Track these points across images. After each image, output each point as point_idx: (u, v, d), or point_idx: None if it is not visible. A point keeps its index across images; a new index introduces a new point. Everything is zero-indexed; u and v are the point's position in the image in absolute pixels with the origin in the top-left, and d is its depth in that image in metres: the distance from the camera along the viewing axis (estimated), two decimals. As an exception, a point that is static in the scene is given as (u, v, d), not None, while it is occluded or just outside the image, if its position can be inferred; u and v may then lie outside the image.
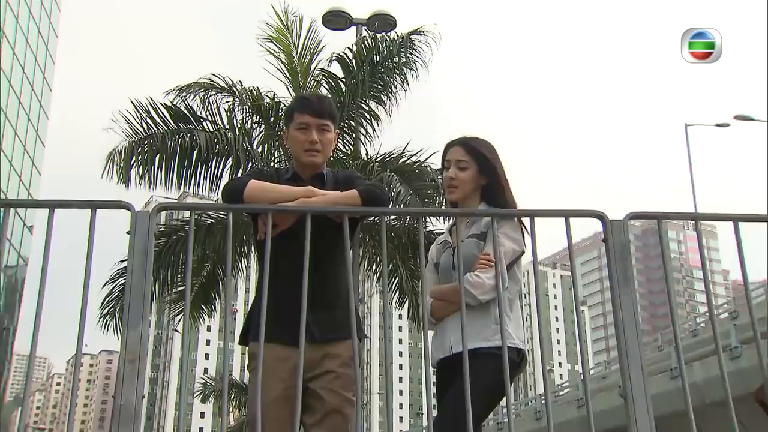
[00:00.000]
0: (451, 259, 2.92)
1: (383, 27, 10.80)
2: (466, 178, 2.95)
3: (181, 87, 9.73)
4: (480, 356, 2.59)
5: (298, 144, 2.84)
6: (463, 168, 2.95)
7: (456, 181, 2.95)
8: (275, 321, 2.47)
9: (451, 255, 2.93)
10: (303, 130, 2.83)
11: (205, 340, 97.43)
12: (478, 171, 2.94)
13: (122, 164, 9.16)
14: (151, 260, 2.23)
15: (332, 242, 2.65)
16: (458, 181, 2.95)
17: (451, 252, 2.94)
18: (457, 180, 2.95)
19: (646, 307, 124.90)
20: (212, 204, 7.89)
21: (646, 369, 2.28)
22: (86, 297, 2.20)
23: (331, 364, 2.65)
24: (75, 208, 2.28)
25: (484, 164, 2.95)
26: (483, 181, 2.95)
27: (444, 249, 3.00)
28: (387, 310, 2.57)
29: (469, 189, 2.96)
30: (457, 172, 2.95)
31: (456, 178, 2.95)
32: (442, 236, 3.14)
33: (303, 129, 2.83)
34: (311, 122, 2.83)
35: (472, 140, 3.00)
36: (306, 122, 2.83)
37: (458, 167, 2.95)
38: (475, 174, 2.95)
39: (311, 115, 2.84)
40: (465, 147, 2.97)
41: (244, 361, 69.34)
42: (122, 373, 2.11)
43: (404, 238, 9.77)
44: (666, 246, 2.67)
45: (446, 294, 2.84)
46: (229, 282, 4.47)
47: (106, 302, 9.99)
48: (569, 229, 2.39)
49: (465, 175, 2.95)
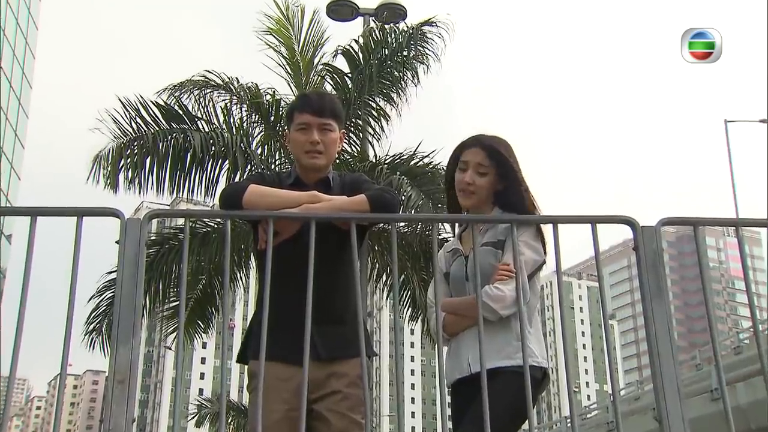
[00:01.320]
0: (463, 269, 2.91)
1: (392, 17, 10.83)
2: (485, 185, 2.95)
3: (174, 85, 9.78)
4: (500, 376, 2.58)
5: (298, 145, 2.85)
6: (483, 173, 2.94)
7: (473, 186, 2.95)
8: (277, 337, 2.47)
9: (463, 264, 2.92)
10: (303, 130, 2.84)
11: (201, 358, 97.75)
12: (497, 177, 2.94)
13: (110, 167, 9.19)
14: (143, 271, 2.24)
15: (338, 251, 2.66)
16: (475, 187, 2.95)
17: (462, 261, 2.93)
18: (475, 186, 2.95)
19: (683, 321, 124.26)
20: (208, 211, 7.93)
21: (683, 390, 2.27)
22: (72, 312, 2.21)
23: (338, 383, 2.65)
24: (59, 215, 2.30)
25: (504, 169, 2.95)
26: (500, 186, 2.96)
27: (454, 258, 2.99)
28: (398, 324, 2.56)
29: (486, 195, 2.96)
30: (476, 177, 2.95)
31: (473, 184, 2.95)
32: (450, 243, 3.12)
33: (303, 129, 2.84)
34: (312, 122, 2.84)
35: (492, 141, 3.00)
36: (306, 122, 2.84)
37: (477, 171, 2.95)
38: (494, 180, 2.95)
39: (312, 114, 2.84)
40: (486, 150, 2.96)
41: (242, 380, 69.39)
42: (111, 394, 2.11)
43: (416, 247, 9.77)
44: (703, 254, 2.67)
45: (459, 308, 2.83)
46: (226, 295, 4.49)
47: (92, 317, 9.99)
48: (596, 237, 2.39)
49: (483, 181, 2.95)
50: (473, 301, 2.57)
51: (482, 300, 2.55)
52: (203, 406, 22.23)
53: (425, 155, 9.88)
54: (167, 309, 10.55)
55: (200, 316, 10.67)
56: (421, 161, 9.89)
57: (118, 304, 2.20)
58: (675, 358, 2.26)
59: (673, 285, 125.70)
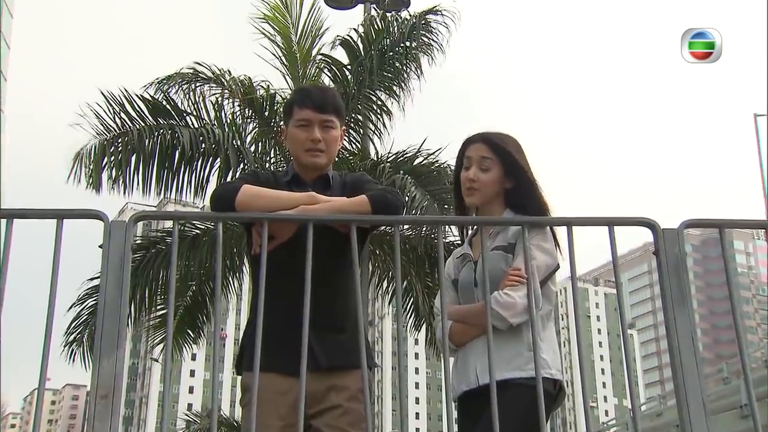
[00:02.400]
0: (472, 274, 2.92)
1: (394, 5, 10.86)
2: (489, 181, 2.95)
3: (162, 79, 9.79)
4: (511, 388, 2.59)
5: (298, 143, 2.86)
6: (486, 168, 2.95)
7: (477, 183, 2.95)
8: (273, 347, 2.48)
9: (472, 270, 2.93)
10: (304, 127, 2.85)
11: (190, 370, 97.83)
12: (503, 172, 2.94)
13: (92, 166, 9.18)
14: (128, 277, 2.25)
15: (338, 256, 2.66)
16: (479, 183, 2.95)
17: (472, 266, 2.94)
18: (479, 182, 2.95)
19: (708, 331, 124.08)
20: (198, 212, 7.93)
21: (709, 405, 2.26)
22: (51, 321, 2.21)
23: (338, 397, 2.65)
24: (38, 218, 2.30)
25: (511, 165, 2.94)
26: (509, 184, 2.95)
27: (464, 263, 2.99)
28: (401, 334, 2.57)
29: (491, 192, 2.96)
30: (479, 172, 2.95)
31: (477, 180, 2.95)
32: (460, 248, 3.12)
33: (304, 126, 2.86)
34: (313, 118, 2.85)
35: (496, 136, 3.00)
36: (307, 118, 2.85)
37: (480, 167, 2.95)
38: (499, 176, 2.95)
39: (313, 110, 2.86)
40: (489, 144, 2.97)
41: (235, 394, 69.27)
42: (93, 410, 2.11)
43: (420, 251, 9.77)
44: (730, 259, 2.66)
45: (468, 316, 2.83)
46: (218, 303, 4.49)
47: (73, 327, 9.99)
48: (613, 240, 2.39)
49: (487, 176, 2.95)
50: (482, 308, 2.58)
51: (491, 307, 2.55)
52: (192, 423, 22.24)
53: (430, 153, 9.90)
54: (154, 318, 10.57)
55: (190, 326, 10.68)
56: (426, 159, 9.89)
57: (101, 313, 2.20)
58: (700, 371, 2.26)
59: (698, 292, 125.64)
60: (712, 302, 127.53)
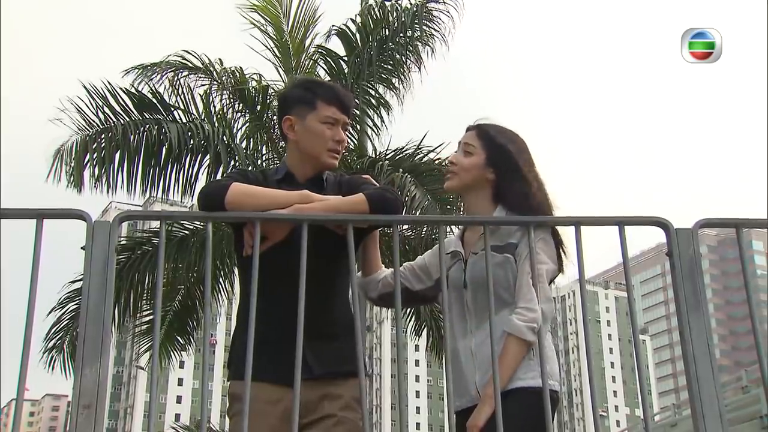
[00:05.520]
0: (462, 275, 2.89)
1: (394, -7, 10.83)
2: (468, 165, 2.94)
3: (146, 66, 9.76)
4: (510, 395, 2.58)
5: (321, 140, 2.83)
6: (468, 153, 2.96)
7: (455, 166, 2.97)
8: (264, 354, 2.48)
9: (462, 270, 2.90)
10: (330, 125, 2.84)
11: (177, 378, 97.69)
12: (484, 160, 2.93)
13: (73, 163, 9.16)
14: (112, 280, 2.25)
15: (334, 258, 2.67)
16: (458, 167, 2.96)
17: (462, 266, 2.91)
18: (458, 166, 2.97)
19: (726, 337, 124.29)
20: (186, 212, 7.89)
21: (727, 416, 2.27)
22: (30, 327, 2.21)
23: (332, 407, 2.65)
24: (16, 218, 2.30)
25: (496, 154, 2.93)
26: (490, 175, 2.92)
27: (453, 261, 2.96)
28: (401, 340, 2.56)
29: (469, 178, 2.95)
30: (460, 156, 2.98)
31: (456, 163, 2.97)
32: (449, 242, 3.07)
33: (330, 124, 2.84)
34: (339, 118, 2.86)
35: (492, 127, 3.01)
36: (336, 117, 2.85)
37: (464, 151, 2.98)
38: (479, 163, 2.93)
39: (340, 110, 2.86)
40: (479, 131, 2.99)
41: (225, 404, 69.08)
42: (75, 421, 2.11)
43: (420, 252, 9.74)
44: (749, 260, 2.66)
45: (486, 415, 2.59)
46: (207, 307, 4.49)
47: (53, 333, 9.95)
48: (624, 240, 2.39)
49: (467, 161, 2.95)
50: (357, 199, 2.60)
51: (512, 336, 2.60)
52: (180, 434, 22.24)
53: (431, 149, 9.85)
54: (140, 323, 10.56)
55: (178, 331, 10.68)
56: (427, 156, 9.86)
57: (84, 318, 2.20)
58: (716, 380, 2.26)
59: (714, 296, 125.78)
60: (730, 306, 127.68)
